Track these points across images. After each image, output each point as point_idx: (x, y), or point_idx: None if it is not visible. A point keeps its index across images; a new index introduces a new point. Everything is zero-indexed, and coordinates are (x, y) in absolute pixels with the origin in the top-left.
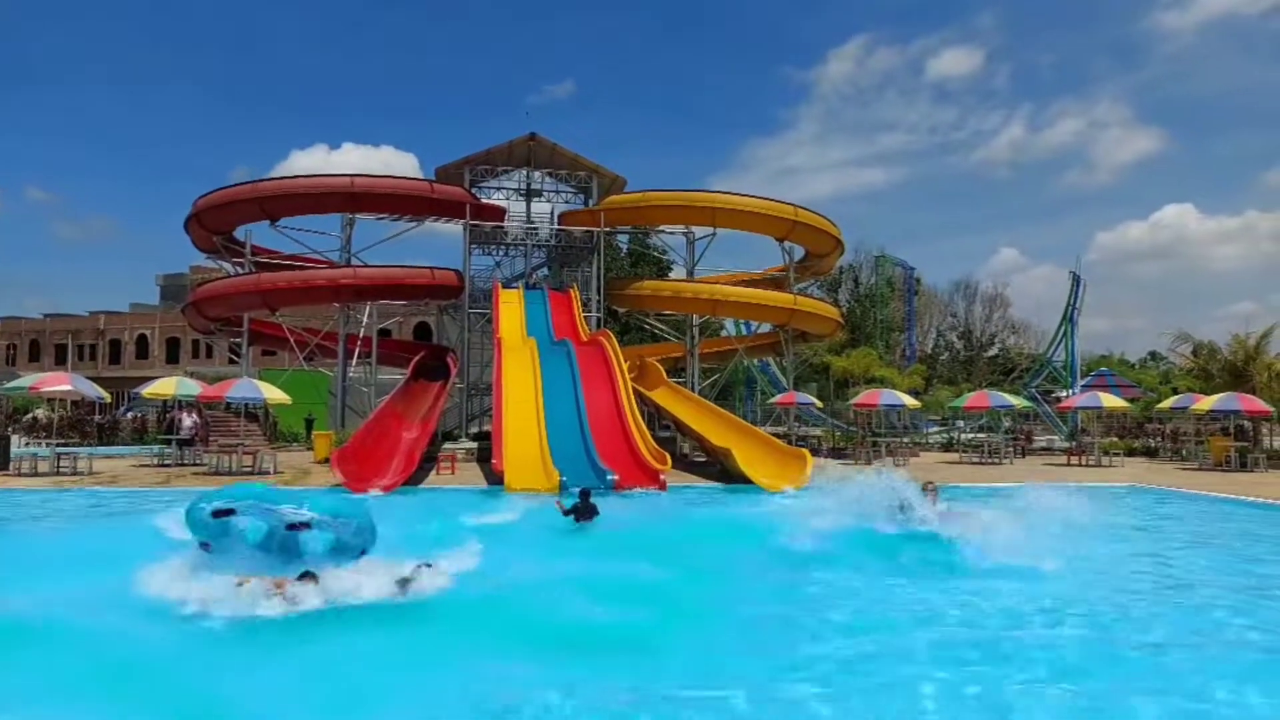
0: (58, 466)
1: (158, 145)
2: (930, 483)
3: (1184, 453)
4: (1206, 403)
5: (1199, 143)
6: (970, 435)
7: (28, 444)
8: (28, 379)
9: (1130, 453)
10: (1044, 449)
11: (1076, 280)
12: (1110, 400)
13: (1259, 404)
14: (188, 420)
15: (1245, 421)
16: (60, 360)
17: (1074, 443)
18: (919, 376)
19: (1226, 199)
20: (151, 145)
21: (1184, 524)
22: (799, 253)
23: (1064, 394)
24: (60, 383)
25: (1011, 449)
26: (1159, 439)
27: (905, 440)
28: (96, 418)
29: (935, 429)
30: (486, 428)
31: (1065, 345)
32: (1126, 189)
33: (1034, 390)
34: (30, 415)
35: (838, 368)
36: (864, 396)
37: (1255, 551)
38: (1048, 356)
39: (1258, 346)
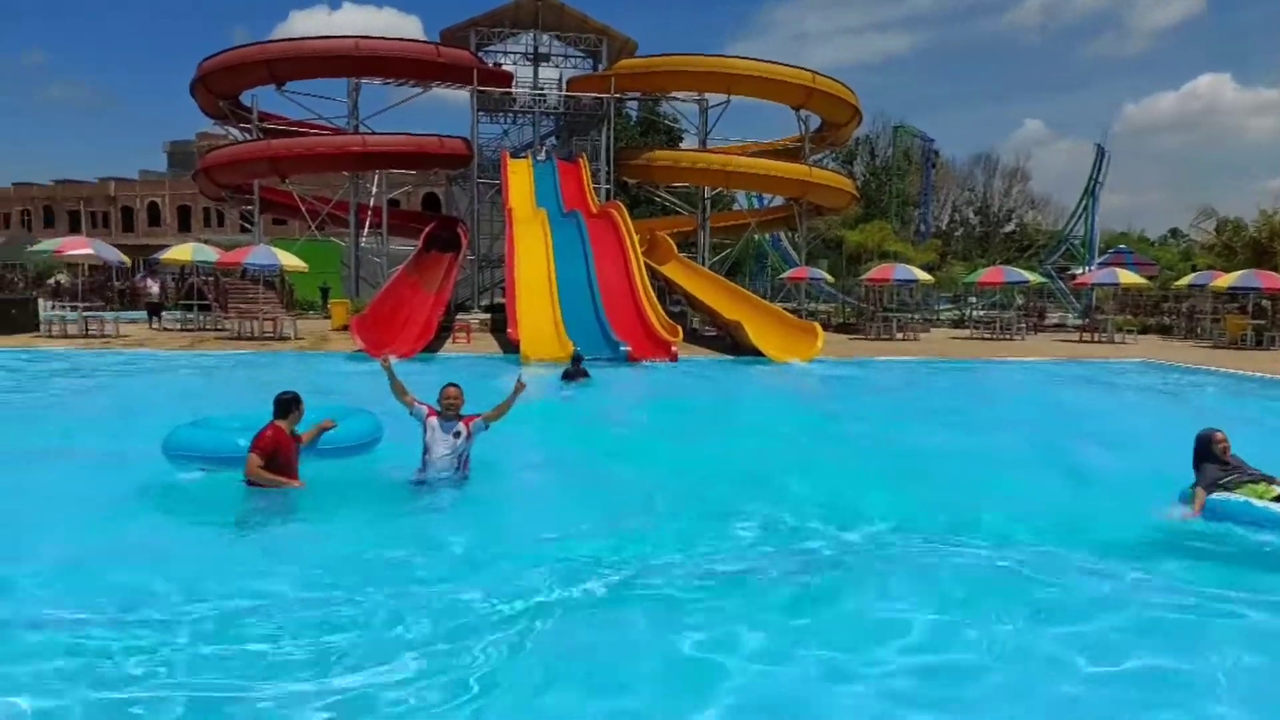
0: (86, 329)
1: (148, 5)
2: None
3: (1198, 330)
4: (1225, 280)
5: (1242, 8)
6: (982, 312)
7: (53, 308)
8: (51, 242)
9: (1144, 330)
10: (1056, 325)
11: (1101, 153)
12: (1127, 277)
13: None
14: (154, 286)
15: (1264, 300)
16: (74, 227)
17: (1087, 319)
18: (933, 252)
19: (1267, 69)
20: (141, 5)
21: None
22: (815, 122)
23: (1080, 271)
24: (81, 246)
25: (1023, 325)
26: (1174, 317)
27: (915, 316)
28: (116, 283)
29: (947, 306)
30: (498, 300)
31: (1085, 221)
32: (1160, 58)
33: (1050, 267)
34: (53, 280)
35: (851, 242)
36: (876, 271)
37: None
38: (1066, 232)
39: None
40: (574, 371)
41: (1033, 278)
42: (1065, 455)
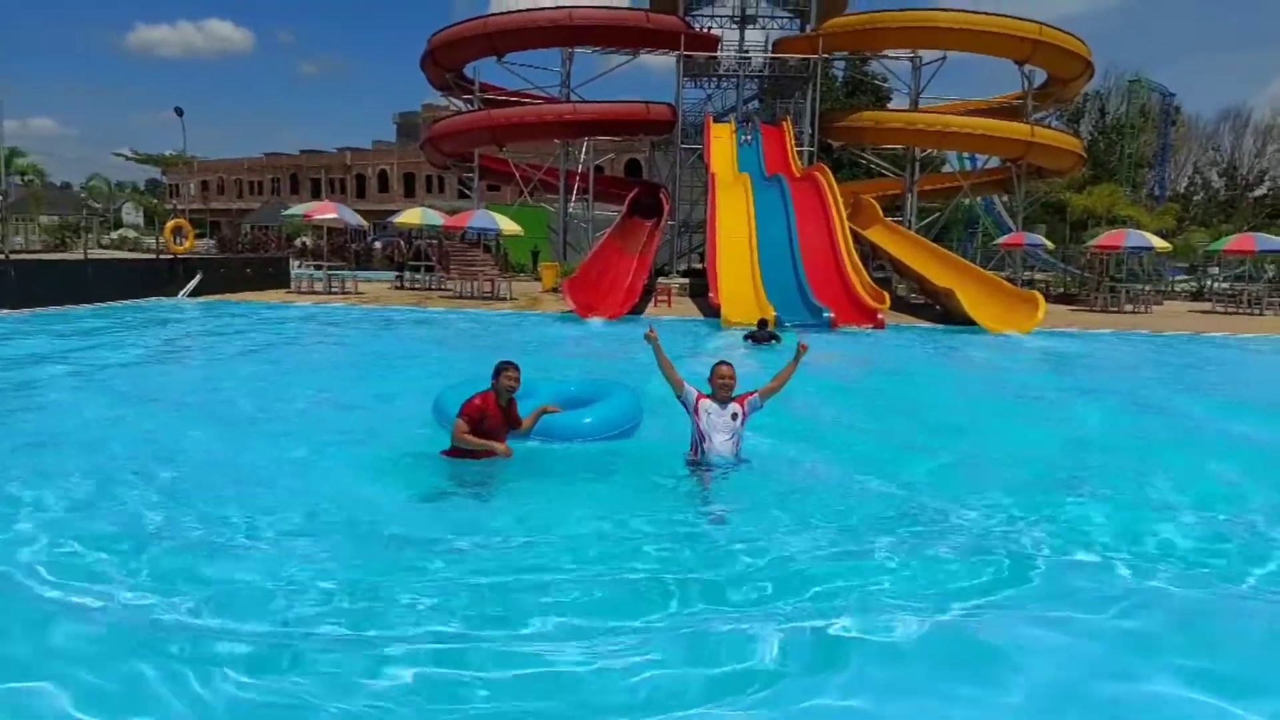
0: (329, 286)
1: None
2: None
3: None
4: None
5: None
6: (1225, 284)
7: (300, 266)
8: (301, 207)
9: None
10: None
11: None
12: None
13: None
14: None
15: None
16: (315, 193)
17: None
18: (1170, 217)
19: None
20: None
21: None
22: (1039, 78)
23: None
24: (328, 211)
25: (1275, 299)
26: None
27: (1146, 287)
28: (353, 245)
29: (1182, 276)
30: (696, 265)
31: None
32: None
33: None
34: (300, 241)
35: (1077, 206)
36: (1106, 237)
37: None
38: None
39: None
40: (759, 335)
41: None
42: None
